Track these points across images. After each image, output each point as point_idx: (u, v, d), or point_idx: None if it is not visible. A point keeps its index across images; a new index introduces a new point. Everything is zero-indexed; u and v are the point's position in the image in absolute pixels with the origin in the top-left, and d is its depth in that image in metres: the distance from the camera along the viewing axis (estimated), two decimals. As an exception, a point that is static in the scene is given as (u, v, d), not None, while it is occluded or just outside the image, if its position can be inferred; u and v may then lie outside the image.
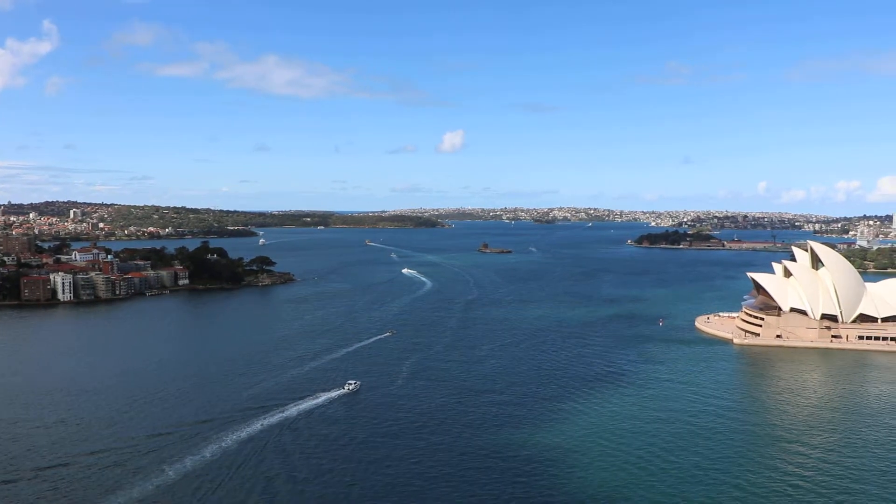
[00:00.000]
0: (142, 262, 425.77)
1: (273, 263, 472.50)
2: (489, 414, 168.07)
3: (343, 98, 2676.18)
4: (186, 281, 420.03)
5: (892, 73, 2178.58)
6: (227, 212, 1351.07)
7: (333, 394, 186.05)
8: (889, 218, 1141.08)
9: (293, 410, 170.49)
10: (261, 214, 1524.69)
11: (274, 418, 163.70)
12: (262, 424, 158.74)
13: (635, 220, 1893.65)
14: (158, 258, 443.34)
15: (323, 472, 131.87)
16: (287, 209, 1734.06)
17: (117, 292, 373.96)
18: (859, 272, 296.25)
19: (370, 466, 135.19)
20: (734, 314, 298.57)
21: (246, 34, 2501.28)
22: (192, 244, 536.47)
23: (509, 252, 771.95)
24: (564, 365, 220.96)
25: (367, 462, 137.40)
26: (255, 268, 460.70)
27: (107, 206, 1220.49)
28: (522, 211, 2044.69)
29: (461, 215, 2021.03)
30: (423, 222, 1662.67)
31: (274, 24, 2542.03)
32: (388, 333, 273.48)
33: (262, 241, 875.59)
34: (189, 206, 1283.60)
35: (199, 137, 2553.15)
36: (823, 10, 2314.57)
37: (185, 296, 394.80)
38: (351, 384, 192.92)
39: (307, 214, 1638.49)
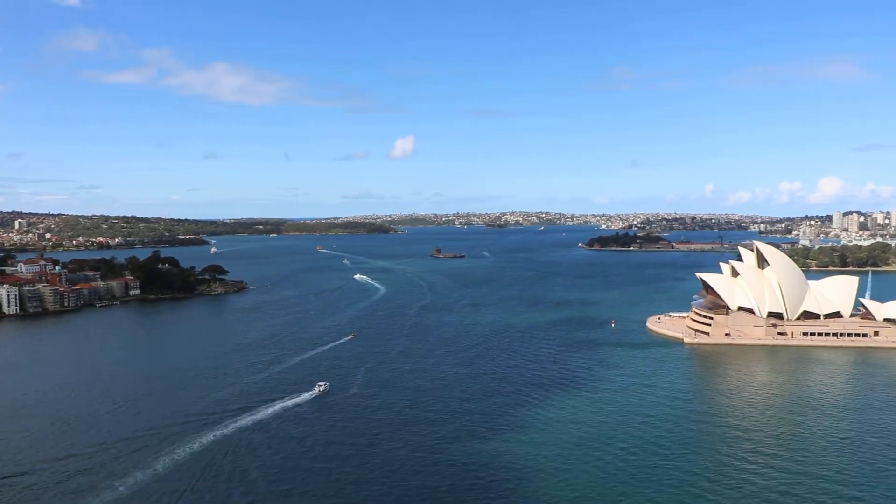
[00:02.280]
0: (91, 273, 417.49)
1: (226, 272, 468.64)
2: (447, 420, 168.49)
3: (293, 105, 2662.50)
4: (138, 291, 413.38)
5: (827, 77, 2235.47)
6: (178, 220, 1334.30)
7: (304, 396, 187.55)
8: (829, 218, 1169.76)
9: (262, 413, 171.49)
10: (212, 223, 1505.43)
11: (243, 421, 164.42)
12: (232, 427, 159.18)
13: (586, 223, 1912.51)
14: (108, 269, 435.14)
15: (283, 480, 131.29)
16: (239, 217, 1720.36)
17: (66, 304, 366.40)
18: (802, 271, 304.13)
19: (331, 474, 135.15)
20: (684, 314, 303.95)
21: (193, 41, 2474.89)
22: (142, 254, 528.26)
23: (462, 257, 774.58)
24: (520, 369, 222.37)
25: (326, 471, 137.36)
26: (207, 276, 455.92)
27: (53, 216, 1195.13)
28: (475, 216, 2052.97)
29: (414, 221, 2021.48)
30: (375, 228, 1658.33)
31: (222, 31, 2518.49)
32: (349, 336, 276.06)
33: (214, 249, 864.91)
34: (139, 215, 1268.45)
35: (148, 145, 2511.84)
36: (762, 16, 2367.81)
37: (136, 306, 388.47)
38: (321, 386, 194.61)
39: (259, 222, 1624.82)
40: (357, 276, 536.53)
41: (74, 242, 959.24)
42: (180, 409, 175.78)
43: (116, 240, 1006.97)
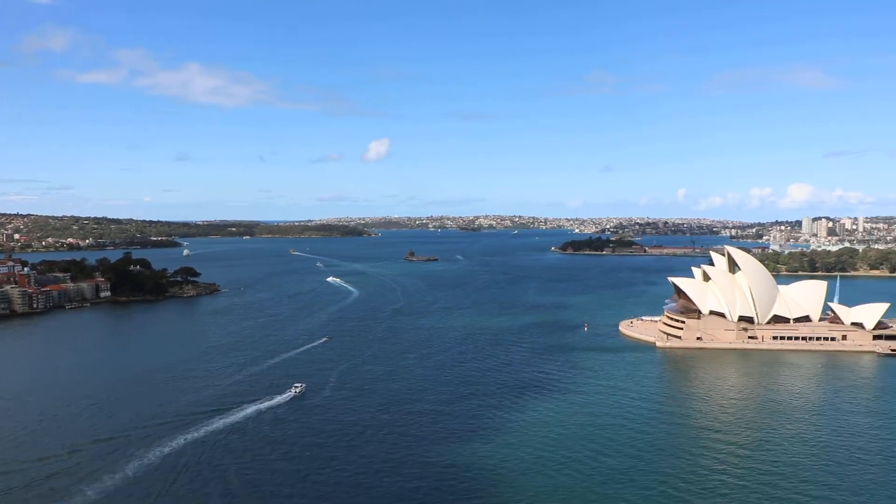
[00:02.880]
0: (61, 275, 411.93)
1: (198, 274, 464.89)
2: (422, 423, 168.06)
3: (267, 107, 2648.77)
4: (108, 293, 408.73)
5: (797, 83, 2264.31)
6: (151, 222, 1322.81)
7: (280, 398, 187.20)
8: (799, 223, 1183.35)
9: (237, 416, 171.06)
10: (185, 224, 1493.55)
11: (218, 423, 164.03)
12: (205, 430, 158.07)
13: (560, 227, 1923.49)
14: (79, 270, 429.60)
15: (259, 482, 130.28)
16: (212, 219, 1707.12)
17: (35, 306, 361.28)
18: (773, 275, 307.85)
19: (308, 476, 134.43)
20: (656, 318, 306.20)
21: (167, 41, 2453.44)
22: (113, 255, 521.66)
23: (436, 260, 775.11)
24: (494, 372, 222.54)
25: (303, 473, 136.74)
26: (179, 279, 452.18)
27: (22, 216, 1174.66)
28: (449, 219, 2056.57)
29: (388, 224, 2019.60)
30: (349, 231, 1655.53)
31: (196, 32, 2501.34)
32: (324, 339, 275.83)
33: (186, 251, 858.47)
34: (110, 216, 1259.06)
35: (120, 146, 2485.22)
36: (736, 21, 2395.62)
37: (107, 308, 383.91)
38: (297, 387, 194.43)
39: (232, 224, 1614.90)
40: (330, 279, 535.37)
41: (44, 243, 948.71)
42: (152, 412, 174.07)
43: (87, 241, 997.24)
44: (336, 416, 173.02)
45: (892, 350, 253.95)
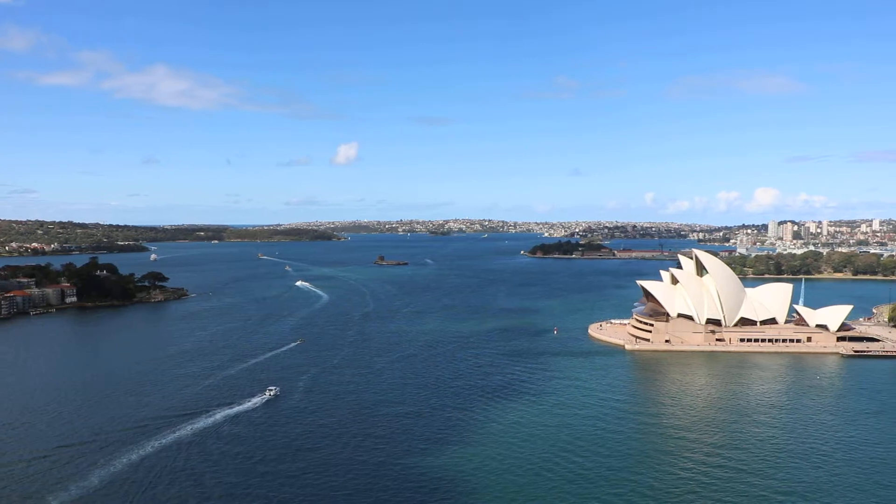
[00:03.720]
0: (25, 280, 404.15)
1: (166, 279, 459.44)
2: (395, 428, 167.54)
3: (235, 110, 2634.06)
4: (74, 298, 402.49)
5: (762, 88, 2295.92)
6: (117, 226, 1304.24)
7: (252, 402, 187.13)
8: (765, 227, 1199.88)
9: (208, 420, 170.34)
10: (152, 229, 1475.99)
11: (188, 428, 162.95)
12: (174, 436, 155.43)
13: (529, 230, 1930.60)
14: (43, 275, 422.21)
15: (231, 486, 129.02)
16: (179, 223, 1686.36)
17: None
18: (739, 278, 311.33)
19: (282, 484, 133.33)
20: (625, 321, 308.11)
21: (132, 43, 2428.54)
22: (79, 260, 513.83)
23: (405, 264, 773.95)
24: (464, 377, 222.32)
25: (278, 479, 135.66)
26: (147, 284, 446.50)
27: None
28: (418, 223, 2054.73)
29: (357, 228, 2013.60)
30: (318, 235, 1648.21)
31: (162, 35, 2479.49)
32: (298, 342, 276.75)
33: (153, 256, 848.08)
34: (76, 220, 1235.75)
35: (85, 149, 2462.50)
36: (700, 27, 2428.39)
37: (73, 314, 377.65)
38: (271, 390, 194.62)
39: (200, 228, 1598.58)
40: (299, 283, 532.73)
41: (7, 248, 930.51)
42: (121, 417, 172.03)
43: (52, 246, 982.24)
44: (309, 421, 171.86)
45: (856, 351, 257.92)
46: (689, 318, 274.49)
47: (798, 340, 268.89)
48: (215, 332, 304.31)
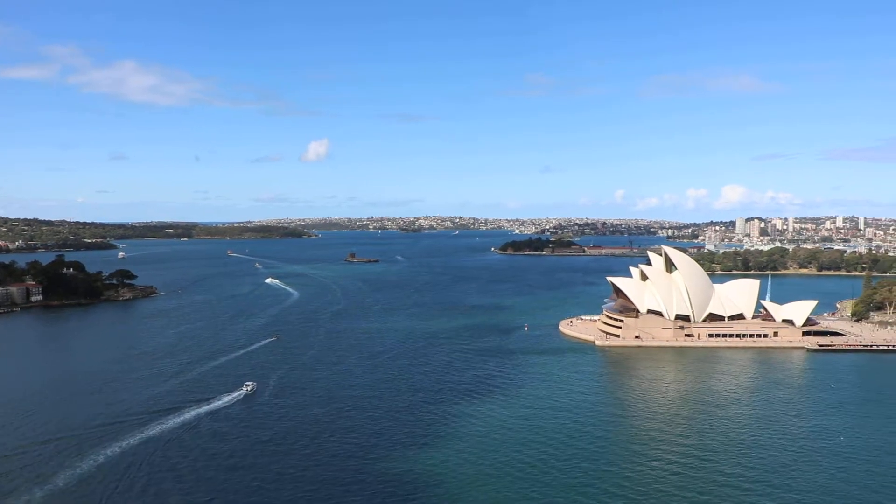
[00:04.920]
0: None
1: (134, 277, 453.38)
2: (364, 426, 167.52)
3: (204, 106, 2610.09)
4: (40, 297, 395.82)
5: (730, 87, 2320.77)
6: (85, 224, 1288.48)
7: (231, 396, 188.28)
8: (733, 224, 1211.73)
9: (190, 415, 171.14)
10: (121, 226, 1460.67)
11: (171, 422, 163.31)
12: (141, 436, 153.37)
13: (500, 227, 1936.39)
14: (7, 273, 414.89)
15: (203, 489, 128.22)
16: (148, 220, 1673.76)
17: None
18: (708, 274, 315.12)
19: (252, 486, 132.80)
20: (595, 317, 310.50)
21: (100, 38, 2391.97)
22: (45, 258, 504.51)
23: (376, 261, 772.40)
24: (435, 374, 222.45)
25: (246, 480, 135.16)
26: (115, 282, 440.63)
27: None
28: (389, 220, 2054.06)
29: (328, 225, 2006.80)
30: (289, 232, 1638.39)
31: (131, 30, 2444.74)
32: (272, 338, 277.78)
33: (121, 254, 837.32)
34: (42, 217, 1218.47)
35: (52, 145, 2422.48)
36: (672, 26, 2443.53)
37: (38, 313, 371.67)
38: (248, 385, 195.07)
39: (169, 226, 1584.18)
40: (269, 281, 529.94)
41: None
42: (95, 415, 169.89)
43: (17, 243, 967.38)
44: (285, 418, 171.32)
45: (820, 346, 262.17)
46: (659, 313, 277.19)
47: (765, 335, 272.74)
48: (185, 330, 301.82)
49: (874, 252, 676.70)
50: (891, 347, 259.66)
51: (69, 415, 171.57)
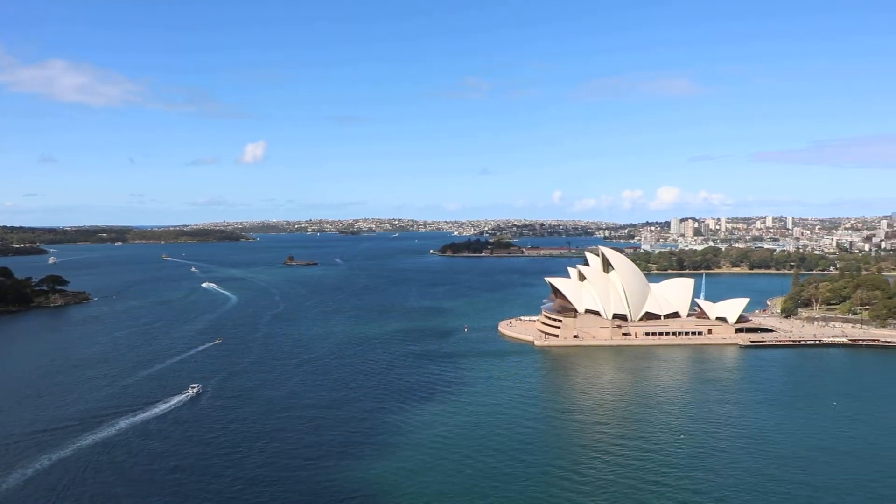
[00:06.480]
0: None
1: (66, 282, 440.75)
2: (307, 431, 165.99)
3: (138, 108, 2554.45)
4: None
5: (664, 90, 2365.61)
6: (12, 228, 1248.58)
7: (177, 399, 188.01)
8: (668, 224, 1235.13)
9: (136, 418, 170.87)
10: (51, 231, 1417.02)
11: (117, 427, 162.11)
12: (73, 447, 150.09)
13: (439, 229, 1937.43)
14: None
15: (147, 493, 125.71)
16: (80, 224, 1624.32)
17: None
18: (644, 274, 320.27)
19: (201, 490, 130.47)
20: (534, 317, 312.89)
21: (27, 36, 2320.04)
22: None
23: (315, 264, 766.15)
24: (376, 377, 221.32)
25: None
26: (45, 288, 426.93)
27: None
28: (328, 223, 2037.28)
29: (266, 228, 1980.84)
30: (226, 236, 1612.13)
31: (61, 29, 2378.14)
32: (217, 341, 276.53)
33: (52, 259, 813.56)
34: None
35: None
36: (608, 29, 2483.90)
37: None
38: (193, 388, 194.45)
39: (103, 230, 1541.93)
40: (205, 285, 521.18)
41: None
42: (29, 422, 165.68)
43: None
44: (225, 424, 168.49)
45: (752, 342, 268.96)
46: (597, 313, 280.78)
47: (700, 333, 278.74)
48: (122, 336, 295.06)
49: (802, 251, 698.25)
50: (818, 342, 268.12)
51: (4, 423, 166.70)
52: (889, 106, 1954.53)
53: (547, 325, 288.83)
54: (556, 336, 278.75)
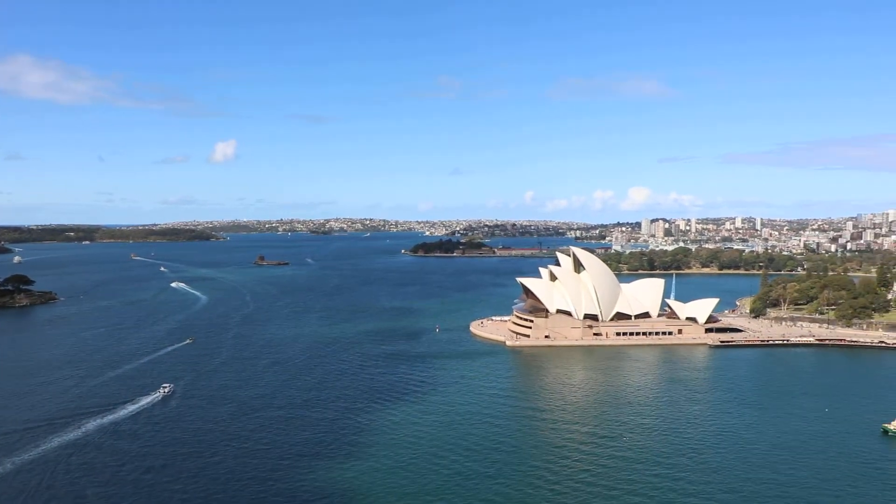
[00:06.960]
0: None
1: (32, 282, 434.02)
2: (279, 432, 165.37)
3: (107, 105, 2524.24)
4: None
5: (635, 91, 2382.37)
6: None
7: (148, 399, 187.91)
8: (638, 225, 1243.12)
9: (106, 419, 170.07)
10: (16, 229, 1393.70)
11: (55, 441, 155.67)
12: (42, 449, 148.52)
13: (410, 229, 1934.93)
14: None
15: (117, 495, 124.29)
16: (47, 223, 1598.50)
17: None
18: (615, 274, 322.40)
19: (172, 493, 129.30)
20: (506, 318, 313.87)
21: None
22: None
23: (286, 264, 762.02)
24: (347, 377, 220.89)
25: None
26: (10, 287, 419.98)
27: None
28: (299, 222, 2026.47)
29: (236, 228, 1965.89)
30: (196, 235, 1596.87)
31: (26, 22, 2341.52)
32: (188, 341, 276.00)
33: (17, 258, 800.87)
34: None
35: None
36: (580, 30, 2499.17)
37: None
38: (165, 388, 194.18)
39: (70, 229, 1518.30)
40: (175, 285, 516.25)
41: None
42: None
43: None
44: (196, 424, 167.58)
45: (722, 342, 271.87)
46: (568, 313, 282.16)
47: (670, 333, 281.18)
48: (89, 336, 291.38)
49: (770, 251, 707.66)
50: (786, 342, 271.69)
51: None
52: (853, 109, 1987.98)
53: (518, 325, 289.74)
54: (528, 336, 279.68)
